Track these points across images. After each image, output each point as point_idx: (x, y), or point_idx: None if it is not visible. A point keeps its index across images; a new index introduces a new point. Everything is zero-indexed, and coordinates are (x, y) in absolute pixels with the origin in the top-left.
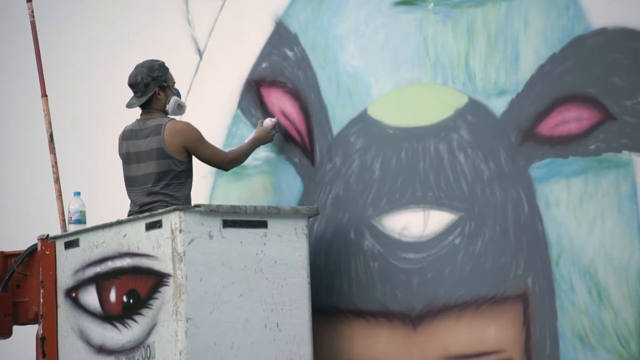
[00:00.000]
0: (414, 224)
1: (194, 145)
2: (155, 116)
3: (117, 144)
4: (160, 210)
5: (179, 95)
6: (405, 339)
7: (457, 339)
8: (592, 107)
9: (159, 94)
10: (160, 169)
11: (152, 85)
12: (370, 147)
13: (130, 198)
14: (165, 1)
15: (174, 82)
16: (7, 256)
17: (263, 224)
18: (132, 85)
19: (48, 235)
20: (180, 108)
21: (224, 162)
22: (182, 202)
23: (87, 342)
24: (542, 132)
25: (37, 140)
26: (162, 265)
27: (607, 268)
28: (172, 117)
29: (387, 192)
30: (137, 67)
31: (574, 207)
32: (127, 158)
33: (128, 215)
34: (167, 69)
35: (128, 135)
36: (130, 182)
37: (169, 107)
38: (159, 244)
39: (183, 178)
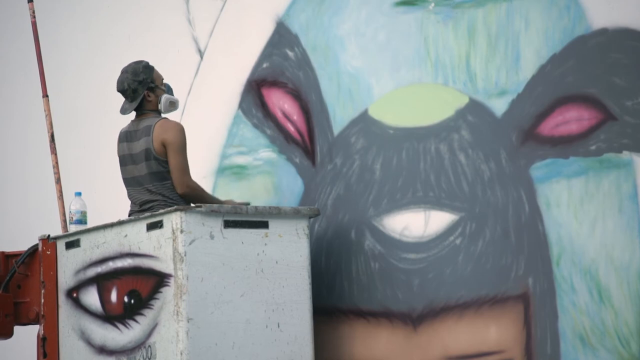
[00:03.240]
0: (414, 224)
1: (170, 144)
2: (149, 116)
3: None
4: (162, 211)
5: (170, 90)
6: (406, 340)
7: (458, 340)
8: (592, 108)
9: (148, 95)
10: (150, 170)
11: (140, 89)
12: (371, 148)
13: (130, 198)
14: (166, 1)
15: (162, 79)
16: (8, 256)
17: (264, 225)
18: (121, 92)
19: (49, 235)
20: (172, 105)
21: (183, 181)
22: (177, 203)
23: (88, 342)
24: (543, 132)
25: (38, 141)
26: (163, 265)
27: (608, 268)
28: (164, 115)
29: (387, 193)
30: (122, 72)
31: (575, 207)
32: (124, 160)
33: (129, 215)
34: (152, 69)
35: (123, 137)
36: (129, 183)
37: (161, 106)
38: (160, 244)
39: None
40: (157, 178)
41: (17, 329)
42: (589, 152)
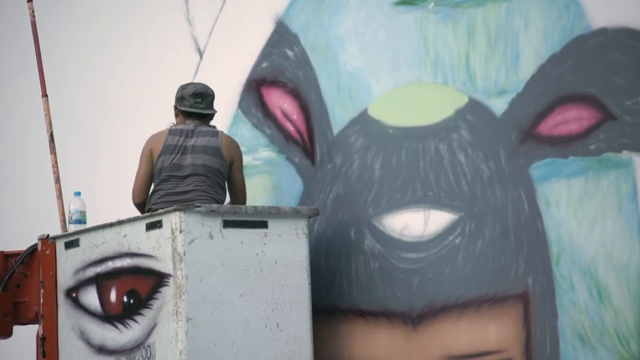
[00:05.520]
0: (414, 223)
1: (238, 163)
2: (206, 126)
3: (152, 139)
4: (161, 211)
5: None
6: (405, 339)
7: (458, 339)
8: (592, 107)
9: (212, 118)
10: (210, 164)
11: (214, 106)
12: (371, 147)
13: (158, 189)
14: (166, 1)
15: None
16: (7, 256)
17: (263, 224)
18: (203, 95)
19: (48, 235)
20: None
21: (245, 200)
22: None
23: (88, 342)
24: (543, 131)
25: (38, 140)
26: (163, 265)
27: (607, 268)
28: None
29: (387, 192)
30: (202, 83)
31: (574, 206)
32: (171, 149)
33: (150, 206)
34: None
35: (177, 132)
36: (171, 169)
37: None
38: (159, 244)
39: (223, 182)
40: (211, 171)
41: (16, 328)
42: (589, 151)
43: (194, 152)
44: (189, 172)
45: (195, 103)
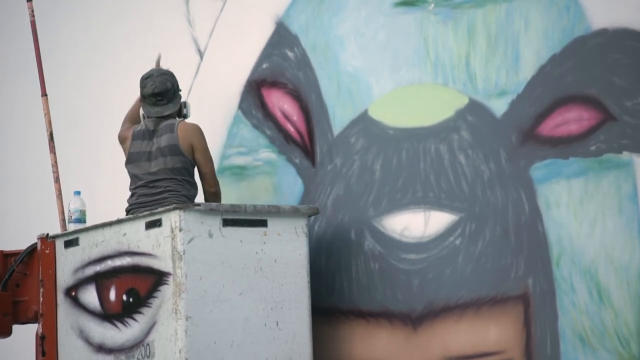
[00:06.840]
0: (414, 224)
1: (200, 145)
2: (168, 119)
3: (122, 144)
4: (160, 209)
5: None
6: (405, 340)
7: (458, 340)
8: (592, 108)
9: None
10: (174, 165)
11: (178, 92)
12: (371, 148)
13: (134, 193)
14: (166, 1)
15: None
16: (6, 255)
17: (263, 223)
18: (162, 92)
19: (48, 234)
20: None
21: (216, 180)
22: (187, 198)
23: (87, 340)
24: (543, 132)
25: (37, 140)
26: (162, 264)
27: (608, 268)
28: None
29: (387, 193)
30: (159, 75)
31: (575, 207)
32: (137, 156)
33: (128, 209)
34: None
35: (139, 136)
36: (141, 178)
37: (187, 111)
38: (158, 242)
39: (192, 178)
40: (177, 172)
41: (16, 327)
42: (589, 152)
43: (157, 157)
44: (159, 177)
45: (156, 101)
